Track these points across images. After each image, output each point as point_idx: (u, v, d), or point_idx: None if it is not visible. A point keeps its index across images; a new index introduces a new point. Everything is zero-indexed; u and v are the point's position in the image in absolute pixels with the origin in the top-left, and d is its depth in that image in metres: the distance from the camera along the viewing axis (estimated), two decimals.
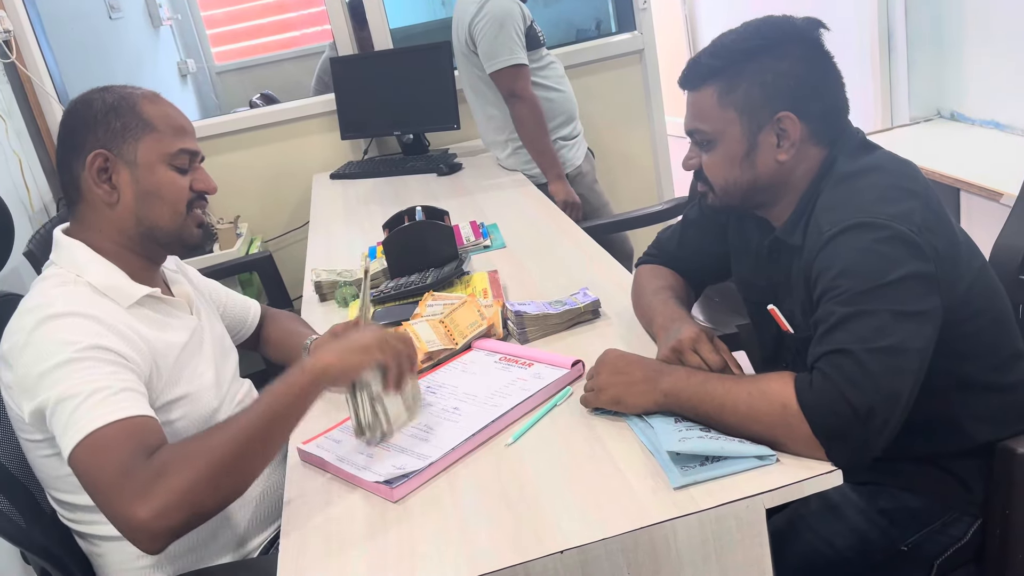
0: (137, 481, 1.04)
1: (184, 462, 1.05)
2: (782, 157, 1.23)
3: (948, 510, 1.24)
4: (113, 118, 1.28)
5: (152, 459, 1.06)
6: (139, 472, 1.04)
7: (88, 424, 1.09)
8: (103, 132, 1.28)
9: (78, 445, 1.08)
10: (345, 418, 1.33)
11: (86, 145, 1.28)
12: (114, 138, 1.28)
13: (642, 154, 3.52)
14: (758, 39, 1.22)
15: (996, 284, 1.25)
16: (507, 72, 2.61)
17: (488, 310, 1.58)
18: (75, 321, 1.17)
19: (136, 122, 1.29)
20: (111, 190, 1.29)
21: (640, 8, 3.36)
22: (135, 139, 1.29)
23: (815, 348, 1.07)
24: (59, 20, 3.30)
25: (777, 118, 1.21)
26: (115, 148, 1.28)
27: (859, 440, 1.01)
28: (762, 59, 1.21)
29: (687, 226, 1.52)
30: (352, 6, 3.29)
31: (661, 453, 1.08)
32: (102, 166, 1.28)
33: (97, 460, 1.07)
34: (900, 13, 3.03)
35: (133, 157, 1.29)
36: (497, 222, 2.25)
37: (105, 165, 1.28)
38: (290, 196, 3.30)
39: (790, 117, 1.20)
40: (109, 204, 1.29)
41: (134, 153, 1.29)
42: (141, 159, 1.29)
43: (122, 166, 1.29)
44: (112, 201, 1.29)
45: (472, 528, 1.04)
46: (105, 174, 1.28)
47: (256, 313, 1.70)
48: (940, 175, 2.51)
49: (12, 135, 2.70)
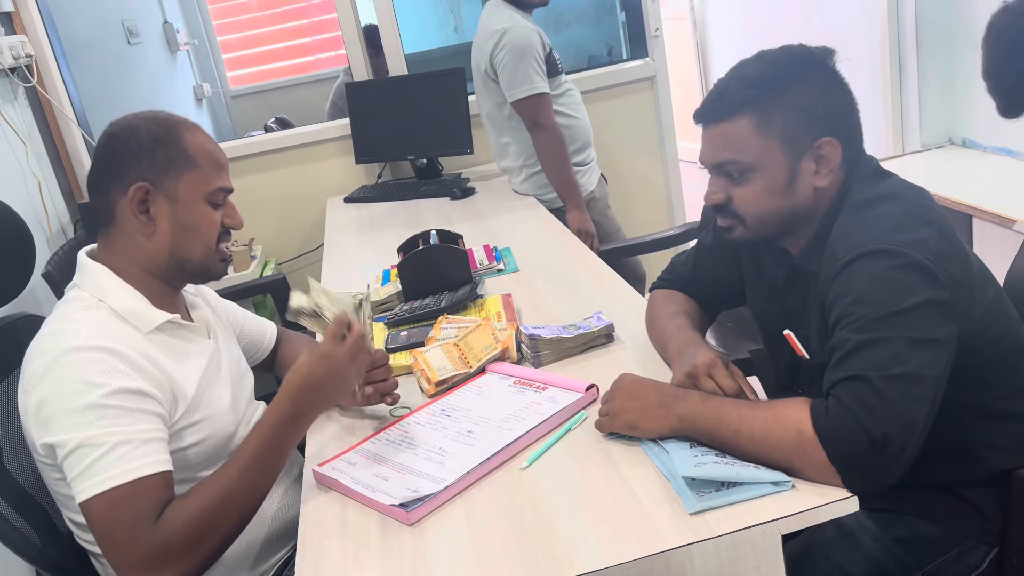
0: (144, 549, 1.11)
1: (189, 533, 1.13)
2: (821, 183, 1.23)
3: (964, 538, 1.23)
4: (160, 151, 1.29)
5: (161, 525, 1.13)
6: (147, 539, 1.11)
7: (109, 479, 1.12)
8: (147, 164, 1.29)
9: (96, 497, 1.12)
10: (360, 440, 1.33)
11: (129, 174, 1.28)
12: (158, 172, 1.29)
13: (654, 179, 3.54)
14: (788, 67, 1.22)
15: (1011, 311, 1.25)
16: (530, 101, 2.62)
17: (502, 333, 1.59)
18: (99, 357, 1.18)
19: (181, 157, 1.30)
20: (148, 222, 1.30)
21: (652, 35, 3.39)
22: (177, 175, 1.30)
23: (831, 375, 1.07)
24: (79, 45, 3.35)
25: (818, 144, 1.21)
26: (157, 182, 1.29)
27: (875, 467, 1.01)
28: (796, 87, 1.21)
29: (701, 252, 1.53)
30: (367, 32, 3.34)
31: (676, 478, 1.08)
32: (143, 198, 1.29)
33: (111, 517, 1.12)
34: (911, 40, 3.05)
35: (174, 192, 1.30)
36: (510, 246, 2.27)
37: (145, 197, 1.29)
38: (304, 219, 3.32)
39: (831, 143, 1.21)
40: (146, 235, 1.30)
41: (175, 188, 1.30)
42: (182, 195, 1.30)
43: (162, 199, 1.30)
44: (149, 232, 1.30)
45: (487, 552, 1.04)
46: (144, 205, 1.29)
47: (272, 335, 1.72)
48: (952, 202, 2.52)
49: (32, 157, 2.74)
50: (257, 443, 1.21)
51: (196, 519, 1.14)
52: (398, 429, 1.36)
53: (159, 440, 1.19)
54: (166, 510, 1.14)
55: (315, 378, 1.24)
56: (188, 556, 1.13)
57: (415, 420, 1.37)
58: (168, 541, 1.12)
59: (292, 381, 1.24)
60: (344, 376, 1.26)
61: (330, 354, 1.24)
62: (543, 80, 2.62)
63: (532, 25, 2.66)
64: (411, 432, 1.34)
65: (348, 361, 1.26)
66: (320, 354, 1.25)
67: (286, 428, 1.23)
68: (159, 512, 1.13)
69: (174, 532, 1.12)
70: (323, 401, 1.27)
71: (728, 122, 1.24)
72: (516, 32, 2.59)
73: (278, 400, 1.23)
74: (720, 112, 1.25)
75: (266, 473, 1.22)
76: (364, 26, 3.32)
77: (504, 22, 2.61)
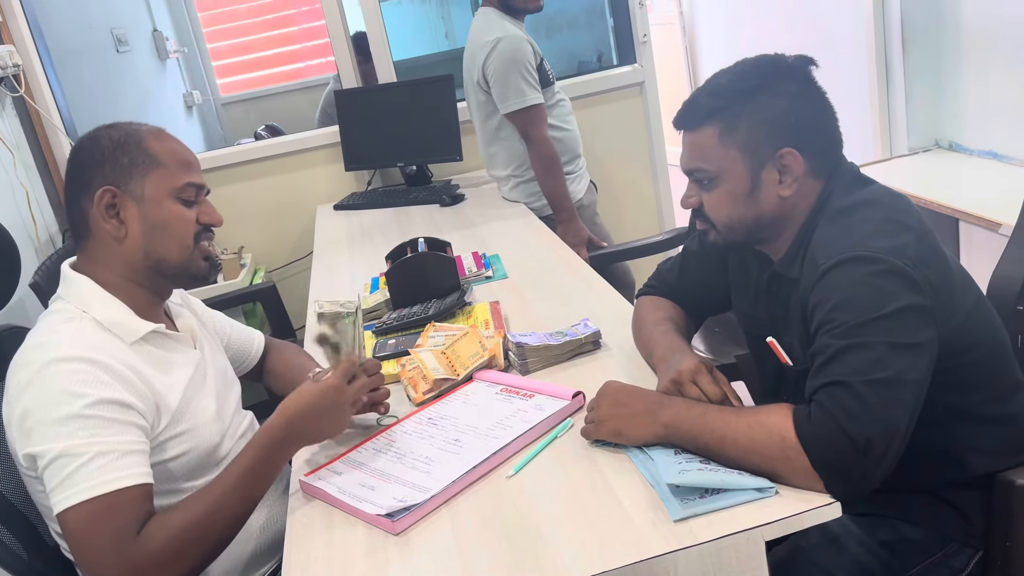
0: (126, 563, 1.10)
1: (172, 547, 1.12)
2: (785, 193, 1.24)
3: (948, 542, 1.24)
4: (120, 154, 1.31)
5: (143, 539, 1.12)
6: (129, 552, 1.10)
7: (87, 490, 1.12)
8: (110, 168, 1.30)
9: (73, 508, 1.11)
10: (347, 450, 1.33)
11: (94, 181, 1.30)
12: (121, 174, 1.31)
13: (643, 184, 3.54)
14: (755, 78, 1.24)
15: (993, 316, 1.26)
16: (522, 114, 2.62)
17: (490, 341, 1.59)
18: (82, 368, 1.18)
19: (143, 158, 1.32)
20: (119, 225, 1.31)
21: (640, 41, 3.40)
22: (142, 175, 1.31)
23: (812, 381, 1.07)
24: (67, 54, 3.35)
25: (779, 154, 1.22)
26: (123, 184, 1.31)
27: (857, 472, 1.01)
28: (760, 97, 1.23)
29: (687, 258, 1.54)
30: (356, 39, 3.34)
31: (661, 485, 1.08)
32: (110, 202, 1.30)
33: (88, 529, 1.11)
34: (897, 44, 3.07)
35: (140, 192, 1.31)
36: (499, 253, 2.27)
37: (113, 201, 1.30)
38: (294, 227, 3.32)
39: (792, 153, 1.22)
40: (117, 239, 1.31)
41: (141, 188, 1.31)
42: (148, 194, 1.31)
43: (130, 201, 1.31)
44: (120, 236, 1.31)
45: (473, 561, 1.04)
46: (113, 209, 1.30)
47: (260, 344, 1.71)
48: (939, 205, 2.53)
49: (20, 167, 2.73)
50: (247, 462, 1.21)
51: (179, 534, 1.14)
52: (385, 438, 1.36)
53: (140, 452, 1.19)
54: (148, 524, 1.14)
55: (318, 408, 1.25)
56: (170, 571, 1.12)
57: (402, 429, 1.38)
58: (150, 555, 1.11)
59: (292, 405, 1.24)
60: (343, 414, 1.28)
61: (339, 389, 1.26)
62: (536, 91, 2.61)
63: (524, 34, 2.66)
64: (398, 441, 1.34)
65: (350, 402, 1.28)
66: (329, 387, 1.26)
67: (277, 450, 1.23)
68: (140, 525, 1.13)
69: (156, 547, 1.12)
70: (317, 432, 1.28)
71: (697, 131, 1.27)
72: (508, 42, 2.58)
73: (273, 421, 1.24)
74: (688, 121, 1.28)
75: (252, 493, 1.22)
76: (353, 33, 3.33)
77: (496, 32, 2.61)
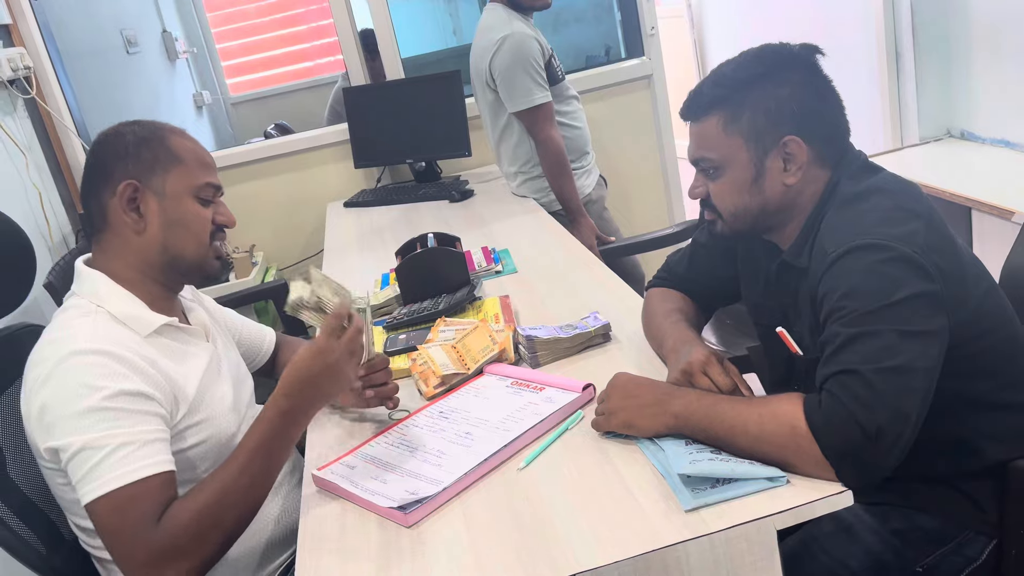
0: (148, 549, 1.13)
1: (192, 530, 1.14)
2: (790, 181, 1.24)
3: (962, 530, 1.24)
4: (144, 150, 1.33)
5: (164, 524, 1.14)
6: (151, 538, 1.13)
7: (112, 480, 1.14)
8: (133, 163, 1.33)
9: (101, 498, 1.14)
10: (359, 444, 1.34)
11: (116, 175, 1.32)
12: (144, 169, 1.33)
13: (653, 177, 3.54)
14: (758, 67, 1.24)
15: (1005, 303, 1.25)
16: (530, 113, 2.62)
17: (500, 335, 1.59)
18: (99, 361, 1.20)
19: (165, 155, 1.34)
20: (139, 219, 1.33)
21: (648, 34, 3.40)
22: (164, 171, 1.33)
23: (823, 369, 1.07)
24: (78, 56, 3.37)
25: (783, 142, 1.22)
26: (144, 179, 1.33)
27: (869, 460, 1.01)
28: (764, 86, 1.23)
29: (696, 249, 1.53)
30: (364, 36, 3.34)
31: (672, 476, 1.08)
32: (131, 195, 1.32)
33: (116, 519, 1.14)
34: (908, 33, 3.05)
35: (162, 188, 1.33)
36: (508, 247, 2.27)
37: (134, 195, 1.32)
38: (305, 225, 3.34)
39: (796, 141, 1.22)
40: (136, 232, 1.33)
41: (163, 184, 1.33)
42: (169, 190, 1.33)
43: (151, 196, 1.33)
44: (139, 229, 1.33)
45: (485, 552, 1.05)
46: (133, 203, 1.32)
47: (271, 341, 1.72)
48: (951, 194, 2.51)
49: (32, 169, 2.75)
50: (255, 439, 1.21)
51: (198, 517, 1.15)
52: (397, 432, 1.36)
53: (161, 441, 1.20)
54: (168, 509, 1.15)
55: (311, 373, 1.23)
56: (192, 554, 1.14)
57: (413, 423, 1.38)
58: (172, 539, 1.13)
59: (289, 376, 1.24)
60: (340, 371, 1.25)
61: (326, 349, 1.24)
62: (543, 90, 2.60)
63: (532, 31, 2.64)
64: (409, 435, 1.34)
65: (345, 356, 1.25)
66: (316, 349, 1.24)
67: (284, 423, 1.22)
68: (162, 512, 1.15)
69: (177, 530, 1.13)
70: (320, 397, 1.26)
71: (701, 120, 1.27)
72: (516, 40, 2.57)
73: (275, 396, 1.24)
74: (693, 111, 1.28)
75: (266, 469, 1.22)
76: (360, 31, 3.33)
77: (503, 29, 2.59)
